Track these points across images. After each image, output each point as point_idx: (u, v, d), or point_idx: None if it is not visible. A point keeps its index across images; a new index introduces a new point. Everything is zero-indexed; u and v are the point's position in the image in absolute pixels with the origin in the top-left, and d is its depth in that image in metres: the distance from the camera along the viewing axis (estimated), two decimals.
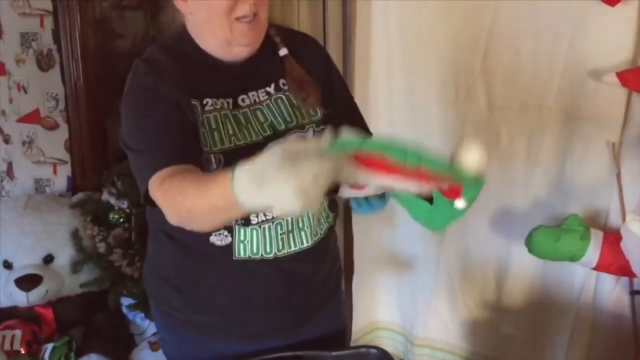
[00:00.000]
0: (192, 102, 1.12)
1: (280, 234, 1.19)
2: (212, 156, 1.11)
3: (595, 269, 1.70)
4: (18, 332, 2.11)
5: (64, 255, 2.21)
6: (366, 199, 1.12)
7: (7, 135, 2.56)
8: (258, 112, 1.17)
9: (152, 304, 1.38)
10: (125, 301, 2.19)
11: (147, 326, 2.23)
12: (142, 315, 2.16)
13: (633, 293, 1.77)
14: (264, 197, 0.77)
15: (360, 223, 2.12)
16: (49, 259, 2.20)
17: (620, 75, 1.62)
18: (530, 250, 1.73)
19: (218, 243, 1.17)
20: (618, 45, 1.67)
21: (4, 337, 2.10)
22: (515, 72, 1.86)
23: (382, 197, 1.12)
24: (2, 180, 2.59)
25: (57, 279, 2.18)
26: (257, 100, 1.18)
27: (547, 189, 1.90)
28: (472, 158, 0.91)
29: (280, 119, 1.18)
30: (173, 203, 0.97)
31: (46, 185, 2.59)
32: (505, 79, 1.88)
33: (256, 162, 0.78)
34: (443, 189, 0.98)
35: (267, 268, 1.20)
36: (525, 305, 2.00)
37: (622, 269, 1.64)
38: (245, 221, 1.16)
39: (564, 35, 1.75)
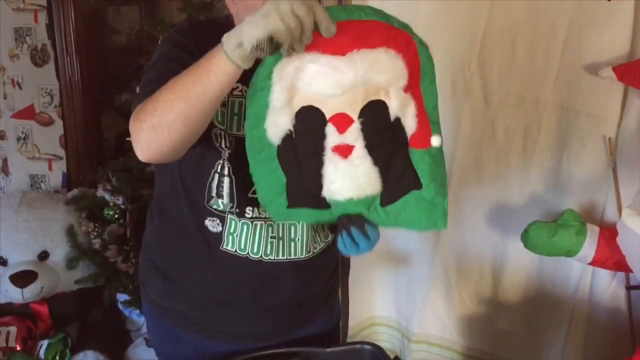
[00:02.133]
0: None
1: (271, 237, 1.18)
2: (226, 135, 1.12)
3: (592, 264, 1.70)
4: (13, 329, 2.10)
5: (59, 251, 2.20)
6: (351, 237, 1.05)
7: (2, 131, 2.55)
8: None
9: (141, 288, 1.37)
10: (121, 297, 2.18)
11: (143, 322, 2.23)
12: (138, 311, 2.16)
13: (629, 288, 1.77)
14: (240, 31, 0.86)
15: None
16: (44, 256, 2.20)
17: (617, 69, 1.61)
18: (526, 246, 1.72)
19: (210, 228, 1.17)
20: (614, 40, 1.66)
21: None
22: (511, 66, 1.85)
23: (367, 235, 1.06)
24: None
25: (52, 275, 2.18)
26: None
27: (543, 184, 1.89)
28: None
29: None
30: (141, 119, 0.96)
31: (41, 181, 2.59)
32: (502, 73, 1.87)
33: None
34: (412, 142, 1.01)
35: (250, 269, 1.19)
36: (521, 300, 2.00)
37: (618, 264, 1.63)
38: (239, 213, 1.15)
39: (561, 29, 1.74)
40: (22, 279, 2.12)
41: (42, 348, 2.06)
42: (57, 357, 2.04)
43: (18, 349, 2.08)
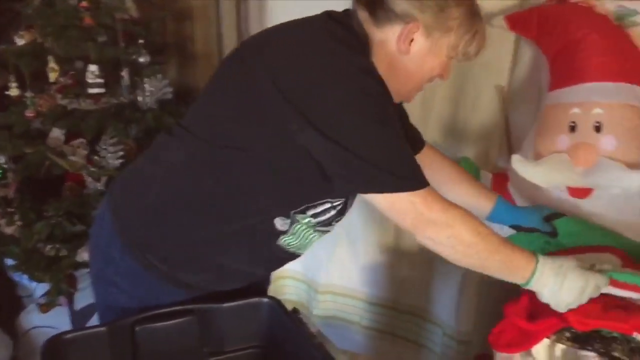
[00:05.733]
0: None
1: (314, 240, 1.24)
2: None
3: None
4: None
5: None
6: None
7: None
8: None
9: (127, 247, 1.21)
10: (9, 262, 2.05)
11: (34, 287, 2.12)
12: (28, 276, 2.04)
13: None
14: (556, 293, 1.13)
15: None
16: None
17: (508, 18, 1.64)
18: None
19: (277, 226, 1.16)
20: None
21: None
22: None
23: None
24: None
25: None
26: None
27: (441, 133, 1.92)
28: None
29: None
30: (459, 232, 1.11)
31: None
32: None
33: (560, 263, 1.14)
34: None
35: (285, 258, 1.26)
36: (421, 247, 2.04)
37: None
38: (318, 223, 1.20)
39: None
40: None
41: None
42: None
43: None
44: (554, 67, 1.56)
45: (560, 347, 1.30)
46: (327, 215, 1.19)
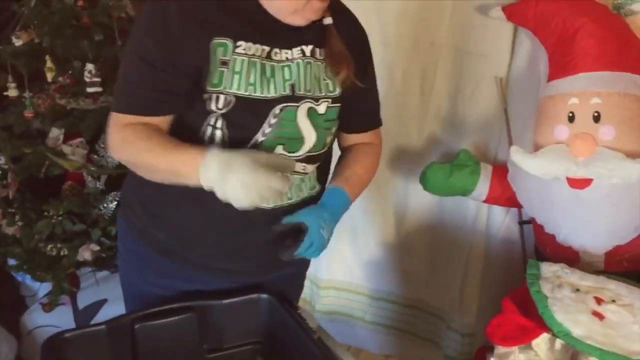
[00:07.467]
0: (219, 41, 1.07)
1: None
2: (222, 96, 1.08)
3: (486, 201, 1.75)
4: None
5: None
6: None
7: None
8: (285, 69, 1.12)
9: (121, 208, 1.32)
10: (12, 262, 2.05)
11: (38, 287, 2.12)
12: (31, 276, 2.04)
13: (522, 223, 1.84)
14: (222, 187, 1.00)
15: None
16: None
17: (506, 9, 1.63)
18: (425, 188, 1.75)
19: None
20: None
21: None
22: (406, 8, 1.84)
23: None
24: None
25: None
26: (290, 57, 1.13)
27: (440, 126, 1.92)
28: None
29: (302, 83, 1.13)
30: (130, 154, 1.10)
31: None
32: (398, 15, 1.85)
33: (230, 156, 1.02)
34: None
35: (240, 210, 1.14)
36: (423, 241, 2.05)
37: (510, 201, 1.69)
38: None
39: None
40: None
41: None
42: None
43: None
44: (553, 57, 1.55)
45: (560, 342, 1.30)
46: (218, 139, 1.11)
